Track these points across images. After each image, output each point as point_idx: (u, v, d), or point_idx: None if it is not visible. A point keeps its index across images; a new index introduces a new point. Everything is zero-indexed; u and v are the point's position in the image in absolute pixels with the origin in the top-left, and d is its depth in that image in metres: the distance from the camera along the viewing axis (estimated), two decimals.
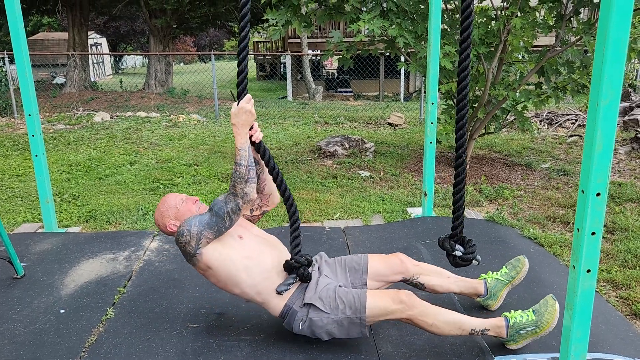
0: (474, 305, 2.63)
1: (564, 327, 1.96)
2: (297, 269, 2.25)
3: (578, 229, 1.81)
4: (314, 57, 17.62)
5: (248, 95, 2.11)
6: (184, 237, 2.17)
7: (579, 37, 4.71)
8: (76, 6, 13.96)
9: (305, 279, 2.26)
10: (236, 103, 2.10)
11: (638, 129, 6.89)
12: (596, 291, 2.92)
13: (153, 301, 2.83)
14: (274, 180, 2.26)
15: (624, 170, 5.52)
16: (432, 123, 3.72)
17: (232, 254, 2.23)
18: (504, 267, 2.64)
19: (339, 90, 17.97)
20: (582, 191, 1.78)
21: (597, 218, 1.77)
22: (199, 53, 15.20)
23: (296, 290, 2.30)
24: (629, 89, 8.74)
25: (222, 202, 2.16)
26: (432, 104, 3.69)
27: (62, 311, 2.74)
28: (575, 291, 1.86)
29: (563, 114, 8.28)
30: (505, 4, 4.90)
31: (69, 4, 13.81)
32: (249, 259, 2.24)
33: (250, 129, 2.15)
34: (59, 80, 17.91)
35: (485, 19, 4.81)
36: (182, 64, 40.04)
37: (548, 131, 7.70)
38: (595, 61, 1.69)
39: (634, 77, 11.12)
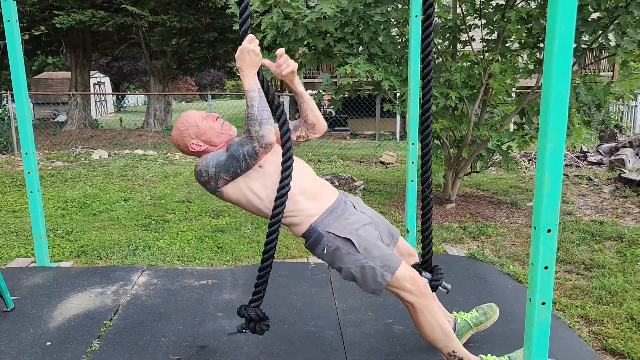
0: None
1: (524, 358, 2.05)
2: (248, 322, 2.27)
3: (532, 264, 1.93)
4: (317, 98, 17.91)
5: (250, 35, 2.02)
6: (202, 177, 2.16)
7: None
8: (79, 48, 14.38)
9: (260, 331, 2.28)
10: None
11: (622, 169, 7.05)
12: (569, 326, 3.01)
13: (137, 334, 2.90)
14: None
15: (607, 209, 5.64)
16: (412, 162, 3.87)
17: (252, 185, 2.18)
18: (474, 310, 2.71)
19: (335, 129, 18.25)
20: (535, 228, 1.90)
21: (549, 253, 1.89)
22: (197, 93, 15.59)
23: (324, 213, 2.23)
24: (615, 130, 8.96)
25: (237, 144, 2.09)
26: (413, 144, 3.85)
27: (48, 343, 2.81)
28: (532, 323, 1.96)
29: None
30: (485, 48, 5.14)
31: (73, 46, 14.23)
32: (269, 189, 2.17)
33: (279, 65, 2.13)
34: (61, 118, 18.23)
35: (467, 64, 5.03)
36: (183, 102, 40.73)
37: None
38: (541, 109, 1.85)
39: (619, 119, 11.43)
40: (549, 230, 1.87)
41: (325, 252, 2.19)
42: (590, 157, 8.22)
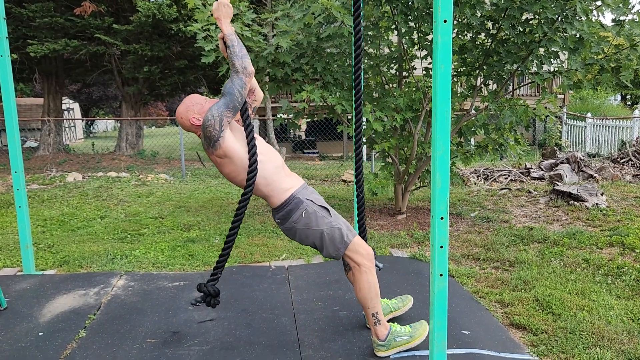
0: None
1: (430, 318, 2.61)
2: (206, 297, 2.79)
3: (432, 245, 2.51)
4: (283, 121, 18.61)
5: None
6: (209, 122, 2.50)
7: (486, 104, 5.63)
8: (52, 75, 14.73)
9: (212, 305, 2.78)
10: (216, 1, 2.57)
11: (559, 182, 7.80)
12: (486, 309, 3.60)
13: (119, 324, 3.37)
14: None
15: (539, 217, 6.33)
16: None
17: (242, 148, 2.60)
18: (394, 298, 3.30)
19: (305, 151, 18.92)
20: (433, 216, 2.49)
21: (443, 235, 2.47)
22: (169, 118, 16.00)
23: (301, 187, 2.77)
24: (555, 148, 9.78)
25: (229, 83, 2.52)
26: None
27: (40, 333, 3.25)
28: (433, 291, 2.53)
29: (498, 170, 9.21)
30: (426, 76, 5.82)
31: (46, 73, 14.58)
32: (262, 155, 2.66)
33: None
34: (30, 144, 18.40)
35: (409, 89, 5.70)
36: (154, 128, 40.95)
37: (484, 185, 8.58)
38: (432, 127, 2.45)
39: (559, 137, 12.46)
40: (441, 218, 2.45)
41: (303, 215, 2.69)
42: (533, 172, 8.99)
